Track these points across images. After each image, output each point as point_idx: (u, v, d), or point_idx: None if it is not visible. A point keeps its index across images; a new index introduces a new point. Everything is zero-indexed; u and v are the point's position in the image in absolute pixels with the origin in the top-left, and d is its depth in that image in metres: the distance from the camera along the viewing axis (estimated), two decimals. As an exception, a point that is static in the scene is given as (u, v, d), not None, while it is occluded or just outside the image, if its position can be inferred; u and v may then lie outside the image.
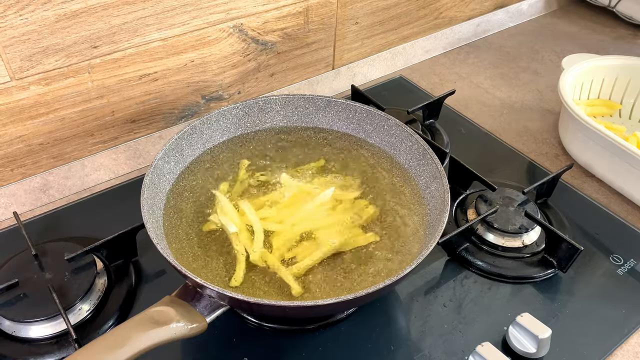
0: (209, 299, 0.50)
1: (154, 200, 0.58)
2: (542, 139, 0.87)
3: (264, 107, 0.70)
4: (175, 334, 0.47)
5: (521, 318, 0.55)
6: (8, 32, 0.59)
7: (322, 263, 0.56)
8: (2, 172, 0.68)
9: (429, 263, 0.65)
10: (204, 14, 0.71)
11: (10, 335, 0.55)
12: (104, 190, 0.75)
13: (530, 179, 0.79)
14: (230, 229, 0.58)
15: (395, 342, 0.57)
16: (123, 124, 0.74)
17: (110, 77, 0.69)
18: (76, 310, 0.57)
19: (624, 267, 0.66)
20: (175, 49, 0.72)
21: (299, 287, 0.53)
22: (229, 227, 0.58)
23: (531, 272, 0.64)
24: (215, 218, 0.60)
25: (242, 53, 0.79)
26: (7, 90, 0.62)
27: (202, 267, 0.56)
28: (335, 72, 0.94)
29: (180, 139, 0.64)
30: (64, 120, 0.68)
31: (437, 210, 0.58)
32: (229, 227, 0.58)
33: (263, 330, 0.58)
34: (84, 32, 0.63)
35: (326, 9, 0.84)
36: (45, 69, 0.63)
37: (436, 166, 0.61)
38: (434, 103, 0.85)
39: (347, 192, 0.63)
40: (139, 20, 0.66)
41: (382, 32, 0.96)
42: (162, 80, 0.73)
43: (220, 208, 0.61)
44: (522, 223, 0.66)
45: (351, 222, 0.60)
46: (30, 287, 0.57)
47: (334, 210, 0.61)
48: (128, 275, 0.62)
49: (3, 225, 0.69)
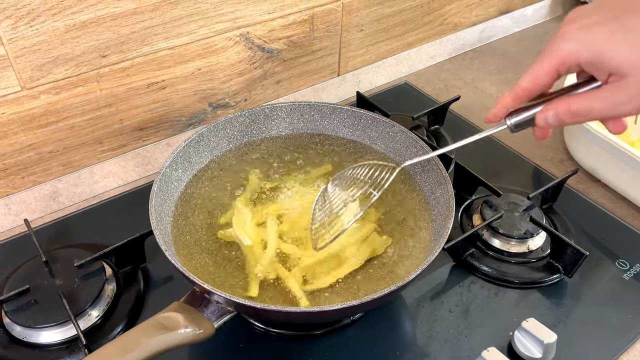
0: (216, 304, 0.50)
1: (162, 207, 0.59)
2: (547, 144, 0.87)
3: (270, 114, 0.71)
4: (183, 339, 0.48)
5: (527, 323, 0.55)
6: (19, 43, 0.60)
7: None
8: (13, 180, 0.69)
9: (434, 269, 0.66)
10: (211, 22, 0.72)
11: (21, 340, 0.56)
12: (112, 197, 0.76)
13: (535, 184, 0.79)
14: (244, 242, 0.58)
15: (401, 347, 0.58)
16: (131, 131, 0.75)
17: (119, 86, 0.70)
18: (86, 316, 0.58)
19: (629, 272, 0.66)
20: (182, 58, 0.73)
21: (307, 300, 0.54)
22: (243, 239, 0.59)
23: (537, 277, 0.64)
24: (231, 229, 0.60)
25: (248, 61, 0.80)
26: (18, 100, 0.63)
27: (210, 273, 0.56)
28: (340, 79, 0.94)
29: (187, 147, 0.65)
30: (74, 128, 0.69)
31: (442, 216, 0.58)
32: (243, 239, 0.59)
33: (270, 336, 0.58)
34: (93, 41, 0.64)
35: (331, 17, 0.85)
36: (55, 78, 0.64)
37: (441, 172, 0.61)
38: (439, 109, 0.86)
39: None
40: (147, 29, 0.68)
41: (387, 38, 0.96)
42: (169, 89, 0.74)
43: (237, 220, 0.61)
44: (528, 228, 0.66)
45: (368, 232, 0.60)
46: (41, 293, 0.58)
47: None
48: (137, 281, 0.63)
49: (14, 232, 0.70)
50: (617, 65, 0.39)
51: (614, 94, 0.40)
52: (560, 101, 0.43)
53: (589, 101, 0.41)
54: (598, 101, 0.41)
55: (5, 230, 0.71)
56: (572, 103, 0.42)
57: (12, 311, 0.56)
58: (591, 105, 0.41)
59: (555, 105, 0.43)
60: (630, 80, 0.39)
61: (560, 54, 0.41)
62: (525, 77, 0.43)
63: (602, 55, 0.39)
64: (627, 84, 0.39)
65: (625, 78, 0.39)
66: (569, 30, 0.41)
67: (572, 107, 0.42)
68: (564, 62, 0.41)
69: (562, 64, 0.41)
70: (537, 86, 0.43)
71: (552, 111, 0.43)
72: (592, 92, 0.41)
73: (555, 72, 0.42)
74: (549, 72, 0.42)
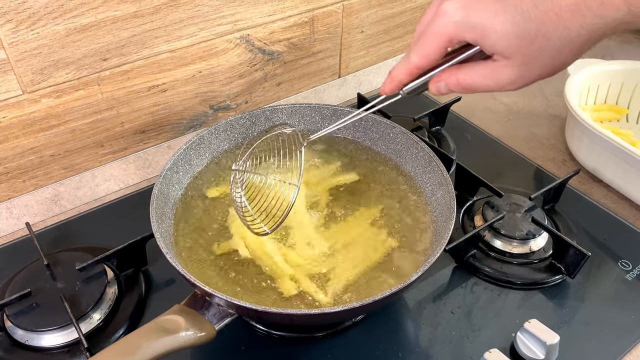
0: (217, 307, 0.50)
1: (163, 209, 0.59)
2: (549, 144, 0.87)
3: (271, 116, 0.71)
4: (185, 342, 0.48)
5: (529, 324, 0.55)
6: (20, 47, 0.60)
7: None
8: (15, 184, 0.69)
9: (437, 270, 0.66)
10: (211, 25, 0.72)
11: (23, 344, 0.56)
12: (114, 200, 0.76)
13: (537, 184, 0.79)
14: (242, 254, 0.59)
15: (403, 349, 0.57)
16: (132, 134, 0.75)
17: (120, 89, 0.70)
18: (87, 319, 0.58)
19: (632, 273, 0.66)
20: (183, 61, 0.73)
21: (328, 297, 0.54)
22: (242, 251, 0.59)
23: (539, 278, 0.64)
24: (229, 241, 0.60)
25: (249, 63, 0.80)
26: (19, 104, 0.63)
27: (211, 276, 0.56)
28: (341, 81, 0.94)
29: (188, 149, 0.65)
30: (75, 131, 0.70)
31: (443, 217, 0.58)
32: (242, 251, 0.59)
33: (272, 338, 0.58)
34: (94, 45, 0.65)
35: (332, 19, 0.85)
36: (56, 82, 0.64)
37: (442, 173, 0.61)
38: (440, 110, 0.86)
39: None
40: (148, 32, 0.68)
41: (387, 40, 0.96)
42: (170, 91, 0.74)
43: (237, 231, 0.61)
44: (530, 229, 0.66)
45: (378, 230, 0.61)
46: (43, 297, 0.58)
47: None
48: (138, 284, 0.63)
49: (16, 236, 0.70)
50: (502, 49, 0.40)
51: (500, 74, 0.41)
52: (450, 72, 0.44)
53: (476, 78, 0.43)
54: (485, 79, 0.42)
55: (7, 234, 0.71)
56: (461, 77, 0.44)
57: (14, 315, 0.56)
58: (478, 82, 0.43)
59: (447, 76, 0.44)
60: (514, 62, 0.40)
61: (446, 33, 0.41)
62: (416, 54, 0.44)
63: (486, 38, 0.40)
64: (510, 65, 0.40)
65: (509, 59, 0.40)
66: (451, 8, 0.41)
67: (461, 81, 0.44)
68: (451, 40, 0.42)
69: (448, 41, 0.42)
70: (428, 62, 0.44)
71: (443, 82, 0.45)
72: (479, 68, 0.43)
73: (443, 49, 0.43)
74: (438, 49, 0.43)
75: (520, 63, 0.40)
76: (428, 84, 0.46)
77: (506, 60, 0.40)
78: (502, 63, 0.41)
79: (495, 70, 0.41)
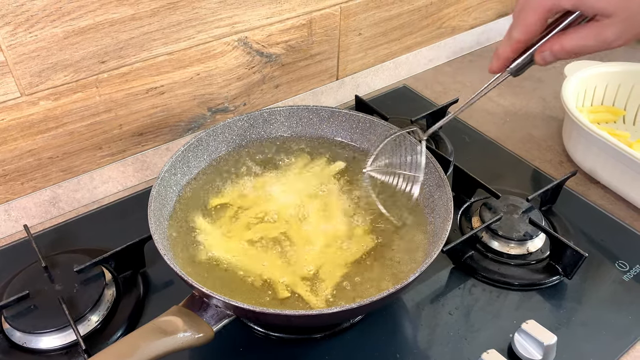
0: (215, 308, 0.51)
1: (161, 211, 0.59)
2: (546, 146, 0.87)
3: (269, 118, 0.71)
4: (183, 343, 0.48)
5: (526, 325, 0.55)
6: (18, 49, 0.60)
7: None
8: (13, 186, 0.69)
9: (434, 272, 0.66)
10: (209, 28, 0.73)
11: (21, 346, 0.56)
12: (112, 203, 0.76)
13: (534, 186, 0.79)
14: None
15: (402, 350, 0.57)
16: (131, 137, 0.75)
17: (118, 91, 0.70)
18: (85, 321, 0.58)
19: (629, 273, 0.66)
20: (181, 63, 0.73)
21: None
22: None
23: (536, 279, 0.64)
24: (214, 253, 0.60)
25: (247, 65, 0.80)
26: (17, 106, 0.63)
27: (209, 277, 0.56)
28: (339, 83, 0.95)
29: (186, 151, 0.65)
30: (73, 134, 0.70)
31: (441, 218, 0.58)
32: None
33: (270, 339, 0.58)
34: (92, 47, 0.65)
35: (329, 21, 0.85)
36: (54, 84, 0.65)
37: (439, 175, 0.61)
38: (437, 112, 0.86)
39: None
40: (146, 35, 0.68)
41: (385, 42, 0.97)
42: (168, 94, 0.75)
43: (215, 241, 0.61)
44: (527, 230, 0.66)
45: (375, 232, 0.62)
46: (41, 299, 0.58)
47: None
48: (136, 285, 0.63)
49: (14, 238, 0.70)
50: (602, 7, 0.41)
51: (603, 32, 0.42)
52: (553, 40, 0.45)
53: (580, 40, 0.44)
54: (589, 40, 0.43)
55: (5, 236, 0.71)
56: (566, 42, 0.45)
57: (12, 317, 0.56)
58: (583, 43, 0.44)
59: (550, 45, 0.46)
60: (616, 19, 0.41)
61: (545, 4, 0.43)
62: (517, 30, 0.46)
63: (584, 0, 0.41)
64: (613, 23, 0.41)
65: (611, 17, 0.41)
66: None
67: (566, 46, 0.45)
68: (551, 10, 0.43)
69: (549, 11, 0.44)
70: (530, 35, 0.46)
71: (547, 51, 0.46)
72: (582, 31, 0.44)
73: (544, 21, 0.45)
74: (539, 21, 0.44)
75: (623, 18, 0.41)
76: (533, 56, 0.47)
77: (608, 19, 0.41)
78: (605, 22, 0.42)
79: (600, 30, 0.42)
